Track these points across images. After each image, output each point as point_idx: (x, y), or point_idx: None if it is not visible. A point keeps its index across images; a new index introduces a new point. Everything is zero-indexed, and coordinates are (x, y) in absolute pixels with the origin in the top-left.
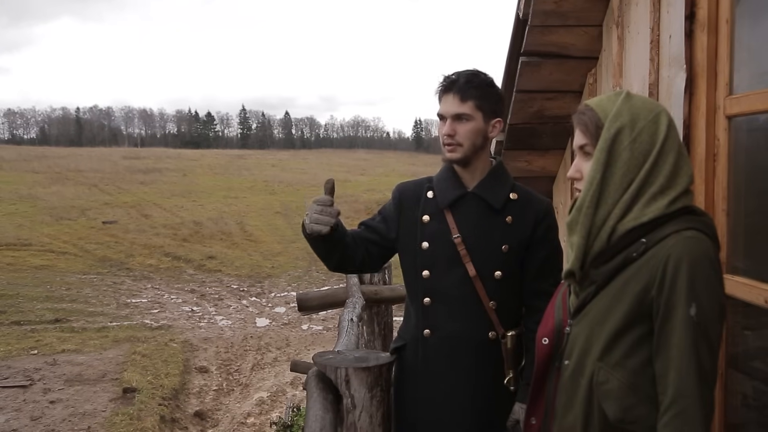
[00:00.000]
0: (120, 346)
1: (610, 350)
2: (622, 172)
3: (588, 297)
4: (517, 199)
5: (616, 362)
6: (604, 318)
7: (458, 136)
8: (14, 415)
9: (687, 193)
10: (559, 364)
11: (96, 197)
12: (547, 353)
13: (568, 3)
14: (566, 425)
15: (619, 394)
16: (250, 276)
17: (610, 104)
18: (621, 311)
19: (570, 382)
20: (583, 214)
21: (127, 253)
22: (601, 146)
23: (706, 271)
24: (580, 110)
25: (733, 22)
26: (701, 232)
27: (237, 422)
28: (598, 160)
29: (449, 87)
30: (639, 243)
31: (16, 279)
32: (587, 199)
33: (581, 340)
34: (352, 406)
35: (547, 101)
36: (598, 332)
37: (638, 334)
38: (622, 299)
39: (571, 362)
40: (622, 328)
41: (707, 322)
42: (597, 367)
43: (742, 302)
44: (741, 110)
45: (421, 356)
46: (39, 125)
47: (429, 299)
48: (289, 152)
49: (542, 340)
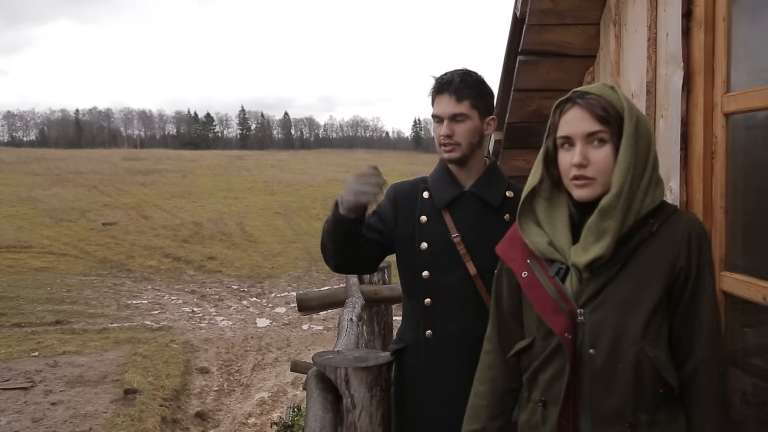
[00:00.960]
0: (121, 348)
1: (649, 327)
2: (643, 158)
3: (604, 282)
4: (513, 197)
5: (656, 336)
6: (637, 298)
7: (456, 136)
8: (15, 417)
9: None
10: (581, 354)
11: (96, 199)
12: (574, 347)
13: (566, 1)
14: (608, 411)
15: (668, 364)
16: (250, 276)
17: (612, 93)
18: (656, 288)
19: (605, 370)
20: (623, 199)
21: (127, 255)
22: (630, 132)
23: (707, 241)
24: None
25: (730, 20)
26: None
27: (238, 423)
28: (630, 146)
29: (444, 87)
30: (649, 224)
31: (16, 281)
32: (626, 184)
33: (610, 325)
34: (351, 405)
35: (545, 100)
36: (632, 314)
37: (663, 308)
38: (653, 277)
39: (599, 350)
40: (658, 304)
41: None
42: (639, 347)
43: (741, 299)
44: (739, 108)
45: (423, 357)
46: (38, 127)
47: (430, 300)
48: (288, 152)
49: (566, 336)
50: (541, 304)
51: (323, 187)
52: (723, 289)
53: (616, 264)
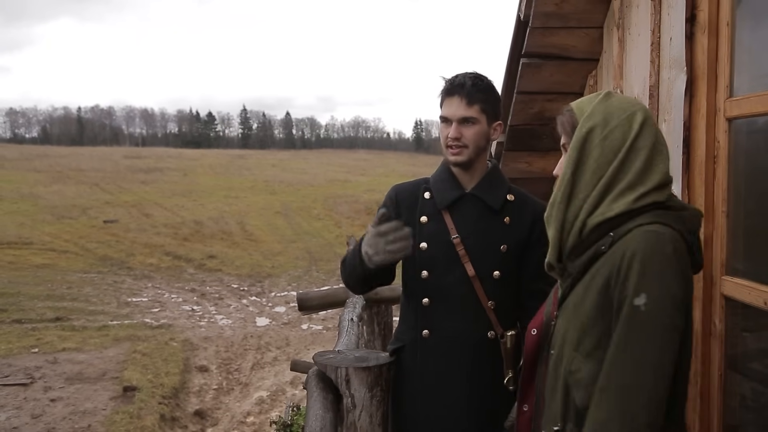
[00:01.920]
0: (120, 345)
1: (582, 341)
2: (593, 169)
3: (567, 290)
4: (514, 200)
5: (587, 353)
6: (577, 310)
7: (464, 139)
8: (15, 413)
9: (660, 188)
10: (547, 353)
11: (97, 196)
12: (535, 343)
13: (569, 5)
14: (551, 412)
15: (587, 382)
16: (250, 275)
17: (588, 104)
18: (589, 303)
19: (554, 370)
20: (556, 208)
21: (127, 252)
22: (572, 144)
23: (658, 263)
24: (562, 111)
25: (733, 25)
26: (665, 226)
27: (237, 421)
28: (570, 157)
29: (455, 90)
30: (607, 237)
31: (17, 277)
32: (559, 194)
33: (562, 330)
34: (352, 405)
35: (548, 103)
36: (573, 324)
37: (605, 326)
38: (590, 292)
39: (554, 351)
40: (591, 321)
41: (656, 311)
42: (572, 356)
43: (742, 304)
44: (741, 112)
45: (420, 357)
46: (41, 124)
47: (428, 299)
48: (289, 152)
49: (531, 331)
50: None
51: (324, 187)
52: (724, 293)
53: (572, 273)
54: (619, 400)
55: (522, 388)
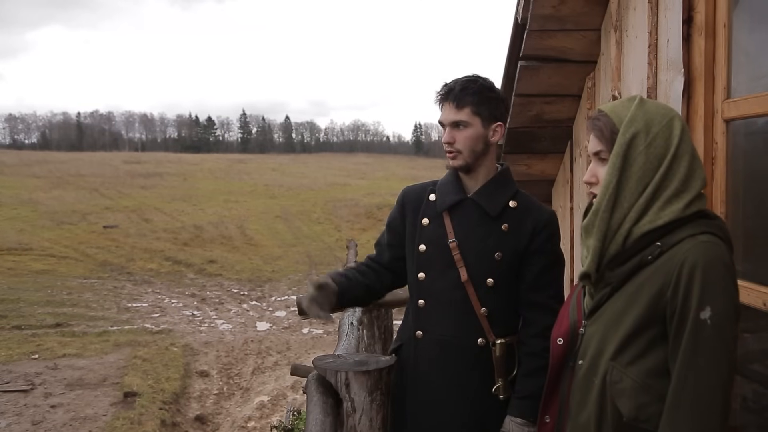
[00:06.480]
0: (121, 351)
1: (623, 351)
2: (638, 176)
3: (603, 298)
4: (516, 208)
5: (628, 362)
6: (619, 319)
7: (457, 144)
8: (15, 420)
9: (701, 196)
10: (573, 363)
11: (97, 202)
12: (562, 353)
13: (567, 7)
14: (580, 424)
15: (632, 393)
16: (250, 280)
17: (625, 110)
18: (636, 313)
19: (584, 381)
20: (600, 217)
21: (127, 258)
22: (616, 151)
23: (720, 275)
24: (594, 116)
25: (730, 27)
26: (716, 236)
27: (237, 426)
28: (613, 164)
29: (446, 95)
30: (654, 246)
31: (17, 283)
32: (603, 203)
33: (595, 340)
34: (352, 409)
35: (546, 105)
36: (612, 333)
37: (652, 336)
38: (637, 301)
39: (584, 362)
40: (636, 330)
41: (721, 324)
42: (610, 366)
43: (741, 305)
44: (739, 114)
45: (413, 356)
46: (40, 130)
47: (423, 301)
48: (289, 156)
49: (557, 341)
50: (561, 311)
51: (324, 191)
52: None
53: (612, 282)
54: (695, 419)
55: (544, 399)
